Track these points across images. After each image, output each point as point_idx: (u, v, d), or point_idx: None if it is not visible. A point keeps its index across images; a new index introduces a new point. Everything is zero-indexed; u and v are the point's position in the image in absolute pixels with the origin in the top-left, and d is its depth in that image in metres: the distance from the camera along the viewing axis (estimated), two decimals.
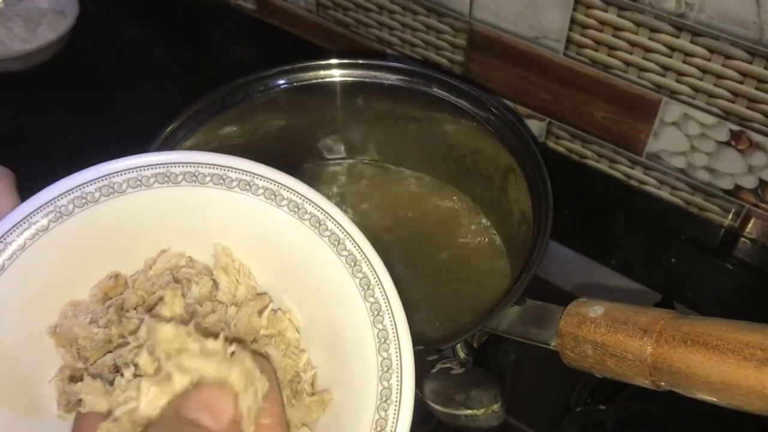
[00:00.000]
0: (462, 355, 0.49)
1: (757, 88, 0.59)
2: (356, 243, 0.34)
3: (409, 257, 0.62)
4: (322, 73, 0.62)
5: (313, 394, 0.35)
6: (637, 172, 0.72)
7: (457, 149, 0.64)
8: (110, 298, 0.36)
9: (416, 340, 0.46)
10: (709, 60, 0.60)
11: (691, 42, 0.59)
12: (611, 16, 0.62)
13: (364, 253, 0.34)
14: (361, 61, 0.62)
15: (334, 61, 0.62)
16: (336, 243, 0.34)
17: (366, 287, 0.34)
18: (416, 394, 0.40)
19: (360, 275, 0.34)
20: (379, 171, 0.69)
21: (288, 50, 0.89)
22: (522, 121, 0.76)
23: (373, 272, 0.34)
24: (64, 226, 0.34)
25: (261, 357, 0.33)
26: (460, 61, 0.76)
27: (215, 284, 0.36)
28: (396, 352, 0.33)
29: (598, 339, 0.39)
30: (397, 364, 0.33)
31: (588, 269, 0.67)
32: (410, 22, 0.77)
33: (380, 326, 0.33)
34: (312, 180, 0.68)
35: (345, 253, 0.34)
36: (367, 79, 0.62)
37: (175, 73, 0.88)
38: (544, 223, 0.52)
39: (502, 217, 0.63)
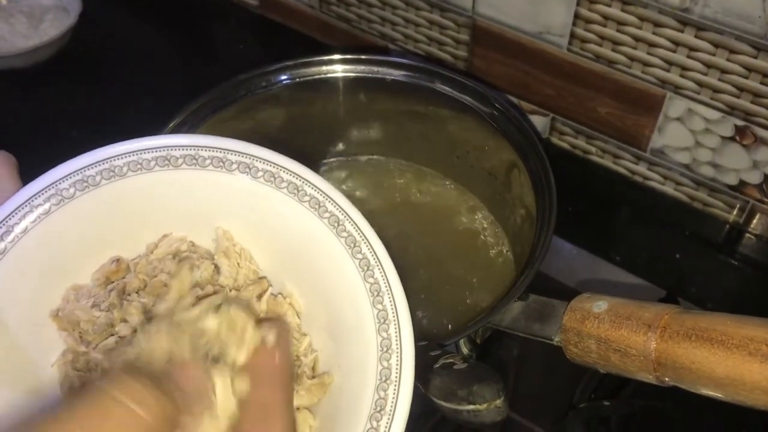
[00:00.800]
0: (465, 350, 0.49)
1: (762, 83, 0.59)
2: (356, 224, 0.35)
3: (412, 253, 0.62)
4: (324, 68, 0.62)
5: (313, 377, 0.35)
6: (642, 168, 0.72)
7: (460, 145, 0.64)
8: (112, 282, 0.36)
9: (419, 336, 0.46)
10: (713, 55, 0.59)
11: (696, 37, 0.59)
12: (615, 11, 0.62)
13: (363, 234, 0.34)
14: (363, 57, 0.62)
15: (336, 56, 0.62)
16: (336, 224, 0.35)
17: (365, 268, 0.34)
18: (418, 390, 0.40)
19: (360, 256, 0.34)
20: (382, 167, 0.69)
21: (290, 46, 0.89)
22: (525, 116, 0.75)
23: (373, 253, 0.34)
24: (65, 209, 0.34)
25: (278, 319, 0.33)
26: (463, 56, 0.76)
27: (217, 268, 0.36)
28: (395, 333, 0.33)
29: (601, 334, 0.39)
30: (397, 344, 0.32)
31: (591, 265, 0.67)
32: (413, 18, 0.77)
33: (380, 306, 0.33)
34: None
35: (344, 234, 0.34)
36: (370, 75, 0.62)
37: (177, 69, 0.88)
38: (548, 218, 0.52)
39: (506, 213, 0.63)
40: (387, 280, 0.34)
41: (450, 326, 0.57)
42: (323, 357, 0.35)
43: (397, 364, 0.32)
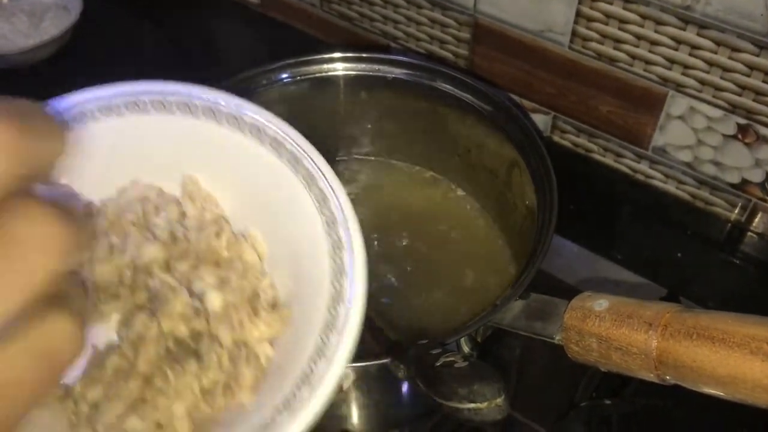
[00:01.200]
0: (466, 349, 0.49)
1: (764, 81, 0.58)
2: (313, 161, 0.36)
3: (413, 251, 0.62)
4: (325, 66, 0.62)
5: (272, 312, 0.36)
6: (643, 167, 0.72)
7: (461, 143, 0.64)
8: None
9: (420, 334, 0.46)
10: (715, 53, 0.59)
11: (698, 35, 0.59)
12: (617, 9, 0.62)
13: (320, 170, 0.36)
14: (364, 55, 0.62)
15: (337, 54, 0.62)
16: (294, 162, 0.36)
17: (322, 201, 0.35)
18: (419, 388, 0.40)
19: (316, 190, 0.35)
20: (383, 165, 0.69)
21: (292, 45, 0.89)
22: (527, 115, 0.75)
23: (329, 187, 0.35)
24: None
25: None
26: (464, 54, 0.76)
27: (183, 213, 0.38)
28: (349, 258, 0.34)
29: (602, 333, 0.39)
30: (350, 268, 0.33)
31: (593, 263, 0.67)
32: (414, 16, 0.77)
33: (335, 236, 0.34)
34: None
35: (302, 170, 0.36)
36: (371, 73, 0.62)
37: (178, 68, 0.87)
38: (549, 217, 0.51)
39: (507, 212, 0.62)
40: (342, 211, 0.35)
41: (450, 325, 0.57)
42: (284, 294, 0.36)
43: (349, 286, 0.33)
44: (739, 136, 0.63)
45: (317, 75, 0.62)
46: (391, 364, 0.44)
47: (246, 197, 0.38)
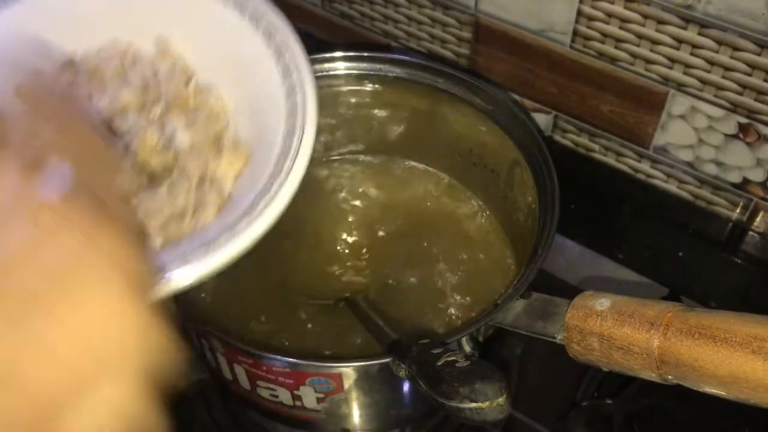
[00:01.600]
0: (467, 349, 0.49)
1: (765, 80, 0.58)
2: (270, 21, 0.41)
3: (414, 251, 0.62)
4: (326, 65, 0.62)
5: (234, 151, 0.40)
6: (644, 166, 0.72)
7: (462, 143, 0.64)
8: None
9: (421, 334, 0.46)
10: (716, 52, 0.59)
11: (699, 34, 0.59)
12: (618, 8, 0.62)
13: (276, 27, 0.41)
14: (365, 54, 0.62)
15: (338, 53, 0.62)
16: (255, 21, 0.41)
17: (279, 55, 0.40)
18: (421, 388, 0.40)
19: (273, 45, 0.41)
20: (383, 164, 0.69)
21: None
22: (528, 114, 0.75)
23: (284, 41, 0.40)
24: (28, 4, 0.40)
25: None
26: (465, 54, 0.76)
27: (156, 72, 0.42)
28: (301, 99, 0.39)
29: (604, 332, 0.39)
30: (302, 107, 0.39)
31: (594, 263, 0.67)
32: (416, 15, 0.77)
33: (288, 83, 0.39)
34: (314, 173, 0.68)
35: (262, 27, 0.41)
36: (372, 72, 0.62)
37: None
38: (550, 216, 0.51)
39: (508, 211, 0.62)
40: (296, 62, 0.40)
41: (452, 324, 0.57)
42: (244, 137, 0.41)
43: (300, 123, 0.38)
44: (741, 136, 0.63)
45: (318, 74, 0.61)
46: (393, 364, 0.44)
47: (212, 55, 0.42)
